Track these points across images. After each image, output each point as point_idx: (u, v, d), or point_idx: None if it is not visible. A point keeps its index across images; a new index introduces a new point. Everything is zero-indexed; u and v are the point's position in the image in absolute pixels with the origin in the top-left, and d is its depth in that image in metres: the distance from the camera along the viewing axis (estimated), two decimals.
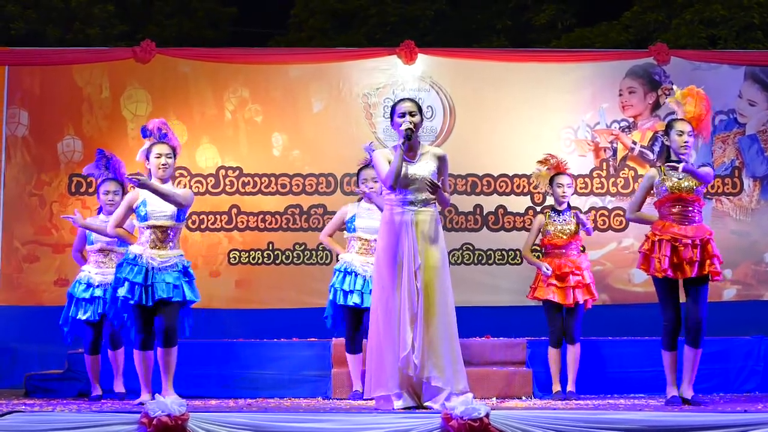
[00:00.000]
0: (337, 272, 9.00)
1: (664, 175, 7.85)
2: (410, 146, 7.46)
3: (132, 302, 7.75)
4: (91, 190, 10.85)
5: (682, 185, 7.78)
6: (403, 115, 7.43)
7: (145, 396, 7.76)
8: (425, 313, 7.25)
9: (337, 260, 9.16)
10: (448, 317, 7.34)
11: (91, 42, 15.69)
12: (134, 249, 7.85)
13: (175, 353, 7.84)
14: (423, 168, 7.41)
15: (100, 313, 8.91)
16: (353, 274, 8.90)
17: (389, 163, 7.43)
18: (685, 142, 7.84)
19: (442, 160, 7.51)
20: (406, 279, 7.29)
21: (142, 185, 7.68)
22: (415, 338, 7.23)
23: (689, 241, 7.70)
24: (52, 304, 10.70)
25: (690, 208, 7.81)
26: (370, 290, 8.71)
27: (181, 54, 11.44)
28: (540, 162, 9.35)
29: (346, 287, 8.87)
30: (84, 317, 8.91)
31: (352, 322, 8.94)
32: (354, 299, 8.83)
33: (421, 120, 7.52)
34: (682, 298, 7.90)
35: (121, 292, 7.77)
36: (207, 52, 11.82)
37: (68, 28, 16.41)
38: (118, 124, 11.11)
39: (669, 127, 7.96)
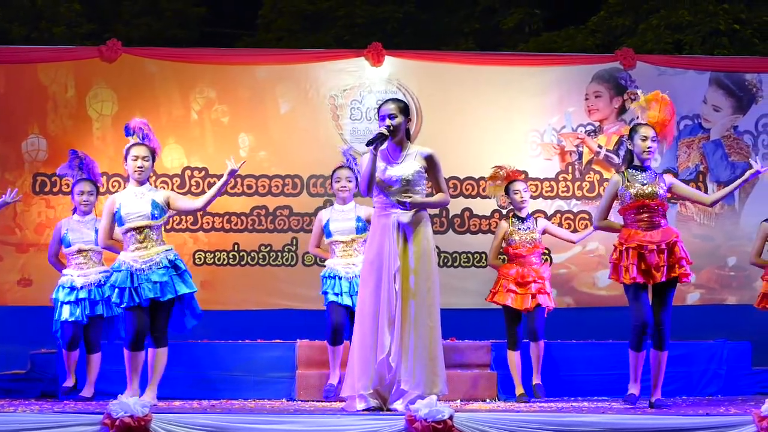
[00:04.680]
0: (325, 278, 8.98)
1: (628, 181, 7.87)
2: (398, 143, 7.43)
3: (122, 306, 7.77)
4: (55, 190, 10.80)
5: (646, 191, 7.81)
6: (383, 118, 7.41)
7: (127, 393, 7.72)
8: (401, 315, 7.25)
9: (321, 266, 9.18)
10: (429, 320, 7.30)
11: (57, 41, 15.61)
12: (120, 256, 7.89)
13: (162, 355, 7.89)
14: (405, 169, 7.38)
15: (88, 315, 8.89)
16: (336, 278, 8.87)
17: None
18: (648, 147, 7.87)
19: (428, 160, 7.43)
20: (386, 282, 7.29)
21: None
22: (392, 341, 7.23)
23: (654, 247, 7.74)
24: (16, 304, 10.66)
25: (654, 213, 7.84)
26: (356, 292, 8.71)
27: (147, 53, 11.38)
28: (491, 178, 9.41)
29: (336, 290, 8.84)
30: (72, 319, 8.88)
31: (340, 316, 8.83)
32: (345, 300, 8.79)
33: (406, 120, 7.47)
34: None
35: (113, 299, 7.85)
36: (173, 52, 11.78)
37: (34, 26, 16.32)
38: (84, 124, 11.03)
39: (633, 131, 7.98)
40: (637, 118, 8.15)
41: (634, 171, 7.92)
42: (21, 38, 15.72)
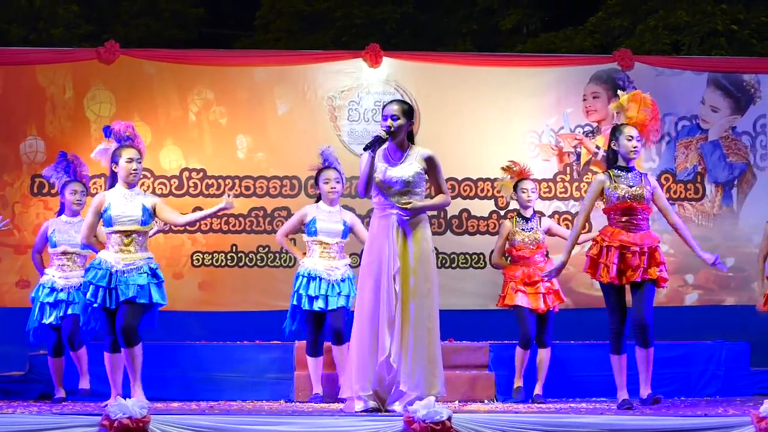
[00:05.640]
0: (301, 277, 8.95)
1: (614, 182, 7.85)
2: (399, 144, 7.41)
3: (96, 305, 7.75)
4: (53, 191, 10.78)
5: (634, 193, 7.79)
6: (386, 118, 7.40)
7: (114, 397, 7.73)
8: (402, 316, 7.25)
9: (297, 264, 9.16)
10: (428, 321, 7.30)
11: (55, 42, 15.61)
12: (101, 254, 7.85)
13: (137, 353, 7.78)
14: (405, 170, 7.37)
15: (61, 316, 8.89)
16: (317, 278, 8.87)
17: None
18: (634, 147, 7.85)
19: (428, 161, 7.41)
20: (385, 282, 7.29)
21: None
22: (392, 342, 7.23)
23: (637, 249, 7.74)
24: (14, 305, 10.64)
25: (638, 216, 7.84)
26: (337, 293, 8.73)
27: (145, 55, 11.39)
28: (504, 169, 9.40)
29: (311, 292, 8.84)
30: (48, 321, 8.89)
31: (315, 326, 8.94)
32: (319, 304, 8.82)
33: (409, 123, 7.45)
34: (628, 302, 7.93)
35: (87, 295, 7.79)
36: (171, 53, 11.78)
37: (32, 27, 16.32)
38: (82, 125, 11.03)
39: (617, 131, 7.93)
40: (614, 118, 8.15)
41: (618, 171, 7.89)
42: (19, 39, 15.72)
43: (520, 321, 9.06)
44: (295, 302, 8.96)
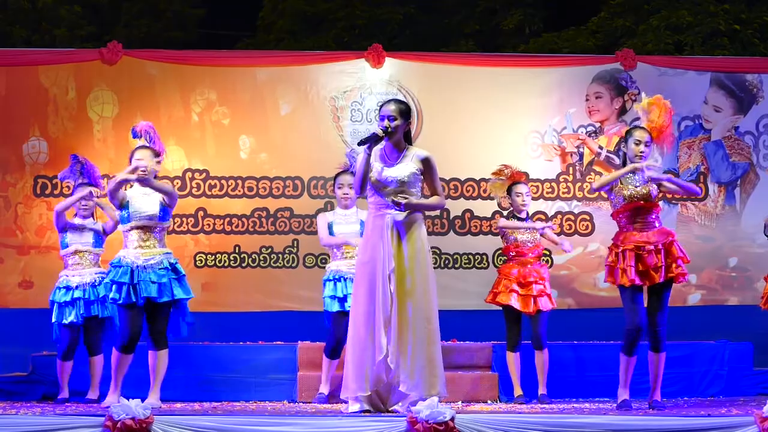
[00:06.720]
0: (328, 282, 8.95)
1: (621, 183, 7.87)
2: (396, 144, 7.40)
3: (120, 303, 7.85)
4: (56, 192, 10.79)
5: (640, 193, 7.80)
6: (383, 118, 7.39)
7: (111, 398, 7.74)
8: (398, 317, 7.24)
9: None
10: (426, 322, 7.27)
11: (57, 43, 15.63)
12: (120, 252, 7.98)
13: (163, 357, 7.96)
14: (401, 170, 7.36)
15: (84, 315, 8.90)
16: (342, 279, 8.84)
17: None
18: (641, 151, 7.87)
19: (424, 162, 7.39)
20: (380, 283, 7.28)
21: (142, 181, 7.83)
22: (389, 342, 7.22)
23: (652, 247, 7.74)
24: (16, 306, 10.65)
25: (649, 215, 7.85)
26: None
27: (147, 56, 11.37)
28: (495, 173, 9.40)
29: (338, 293, 8.81)
30: (68, 321, 8.90)
31: (340, 329, 8.81)
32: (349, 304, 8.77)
33: (406, 123, 7.43)
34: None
35: (110, 294, 7.91)
36: (174, 54, 11.78)
37: (35, 28, 16.34)
38: (84, 126, 11.02)
39: (628, 134, 8.01)
40: (638, 119, 8.17)
41: (626, 173, 7.93)
42: (22, 40, 15.74)
43: (509, 322, 9.09)
44: (326, 307, 8.95)
